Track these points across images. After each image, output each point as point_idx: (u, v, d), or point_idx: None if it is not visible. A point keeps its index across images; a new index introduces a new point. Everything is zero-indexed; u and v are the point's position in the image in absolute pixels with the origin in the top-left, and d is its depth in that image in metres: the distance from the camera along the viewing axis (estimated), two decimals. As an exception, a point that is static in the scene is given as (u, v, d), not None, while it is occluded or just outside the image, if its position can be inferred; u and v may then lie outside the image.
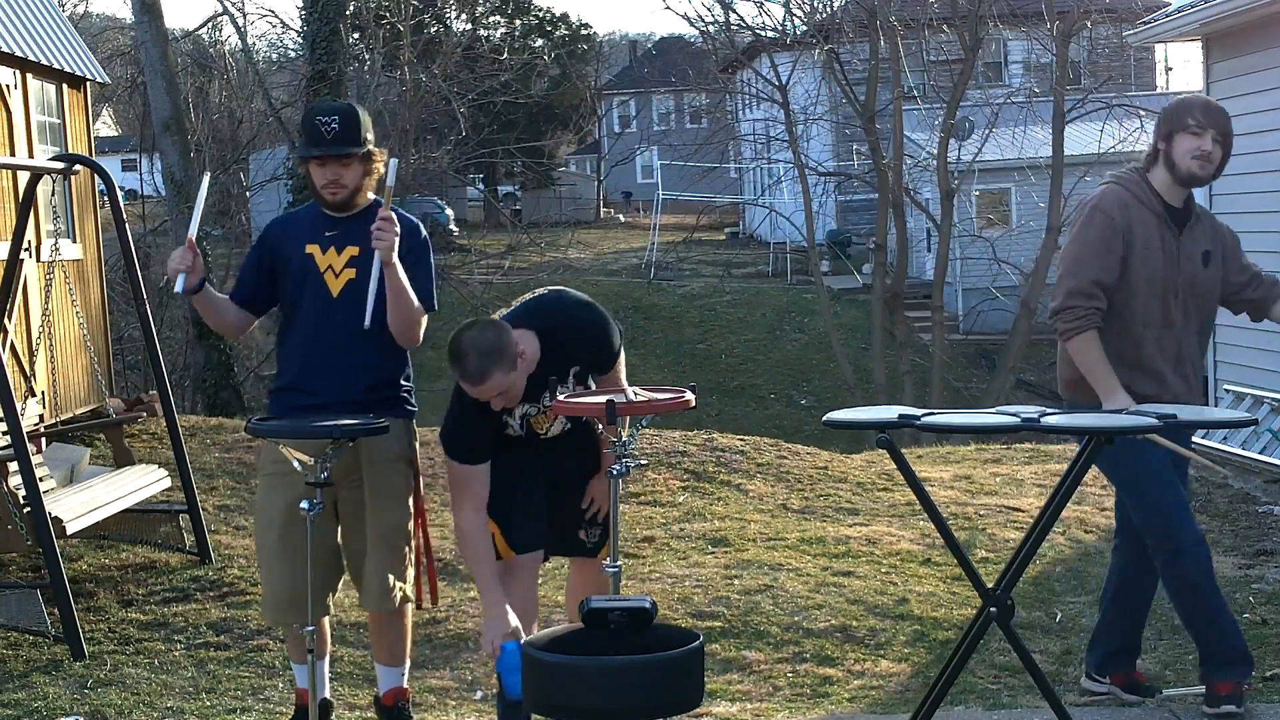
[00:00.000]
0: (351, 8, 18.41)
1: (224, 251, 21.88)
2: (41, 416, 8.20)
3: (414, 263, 4.18)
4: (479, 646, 5.57)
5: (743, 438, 9.67)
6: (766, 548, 6.99)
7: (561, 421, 4.23)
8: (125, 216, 7.50)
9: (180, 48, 23.31)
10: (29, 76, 9.45)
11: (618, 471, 3.83)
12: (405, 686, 4.46)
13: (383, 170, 4.24)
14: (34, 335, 8.47)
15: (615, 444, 3.82)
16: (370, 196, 4.27)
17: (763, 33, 25.03)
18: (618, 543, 3.99)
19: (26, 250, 7.69)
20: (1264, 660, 5.09)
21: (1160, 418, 3.74)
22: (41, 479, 6.15)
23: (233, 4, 31.30)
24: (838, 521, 7.64)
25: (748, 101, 31.14)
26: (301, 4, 17.64)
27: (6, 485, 6.02)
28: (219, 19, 26.69)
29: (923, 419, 3.79)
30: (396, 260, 4.06)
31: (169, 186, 15.31)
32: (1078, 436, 3.86)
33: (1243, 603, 5.91)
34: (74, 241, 9.81)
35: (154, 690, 5.16)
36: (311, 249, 4.21)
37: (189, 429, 9.38)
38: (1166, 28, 10.99)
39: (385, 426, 4.07)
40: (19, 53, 9.12)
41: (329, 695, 4.59)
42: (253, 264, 4.34)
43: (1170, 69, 32.19)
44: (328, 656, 4.59)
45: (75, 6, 28.20)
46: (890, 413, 3.84)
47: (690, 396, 3.99)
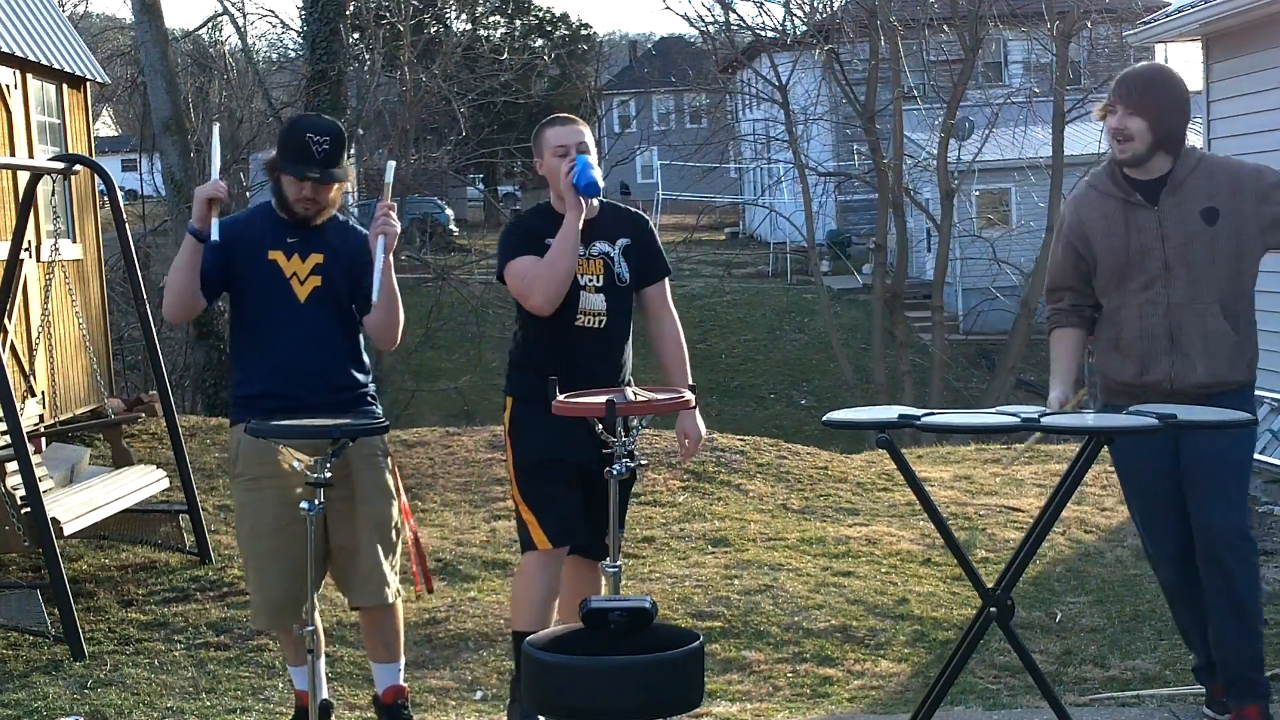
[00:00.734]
0: (351, 8, 18.41)
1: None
2: (41, 416, 8.20)
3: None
4: (479, 645, 5.57)
5: (743, 438, 9.66)
6: (766, 548, 6.99)
7: (599, 303, 4.32)
8: (125, 216, 7.50)
9: (180, 48, 23.30)
10: (29, 76, 9.46)
11: (617, 472, 3.83)
12: (403, 684, 4.46)
13: (349, 186, 4.26)
14: (34, 335, 8.47)
15: (615, 444, 3.83)
16: (332, 211, 4.28)
17: (763, 33, 25.04)
18: (619, 543, 3.99)
19: (26, 250, 7.69)
20: (1264, 660, 5.09)
21: (1160, 418, 3.74)
22: (41, 479, 6.15)
23: (233, 4, 31.29)
24: (838, 521, 7.64)
25: (748, 101, 31.12)
26: (301, 4, 17.66)
27: (5, 486, 6.02)
28: (219, 19, 26.67)
29: (923, 419, 3.79)
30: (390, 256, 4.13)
31: (169, 186, 15.31)
32: (1078, 436, 3.85)
33: (1243, 603, 5.91)
34: (74, 241, 9.81)
35: (154, 690, 5.17)
36: (275, 255, 4.21)
37: (189, 429, 9.38)
38: (1166, 28, 10.98)
39: (386, 426, 4.13)
40: (19, 53, 9.13)
41: (328, 695, 4.59)
42: (210, 250, 4.16)
43: (1170, 69, 32.17)
44: (323, 656, 4.59)
45: (75, 6, 28.23)
46: (890, 413, 3.84)
47: (690, 396, 3.99)
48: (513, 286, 4.31)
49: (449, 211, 36.02)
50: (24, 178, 7.80)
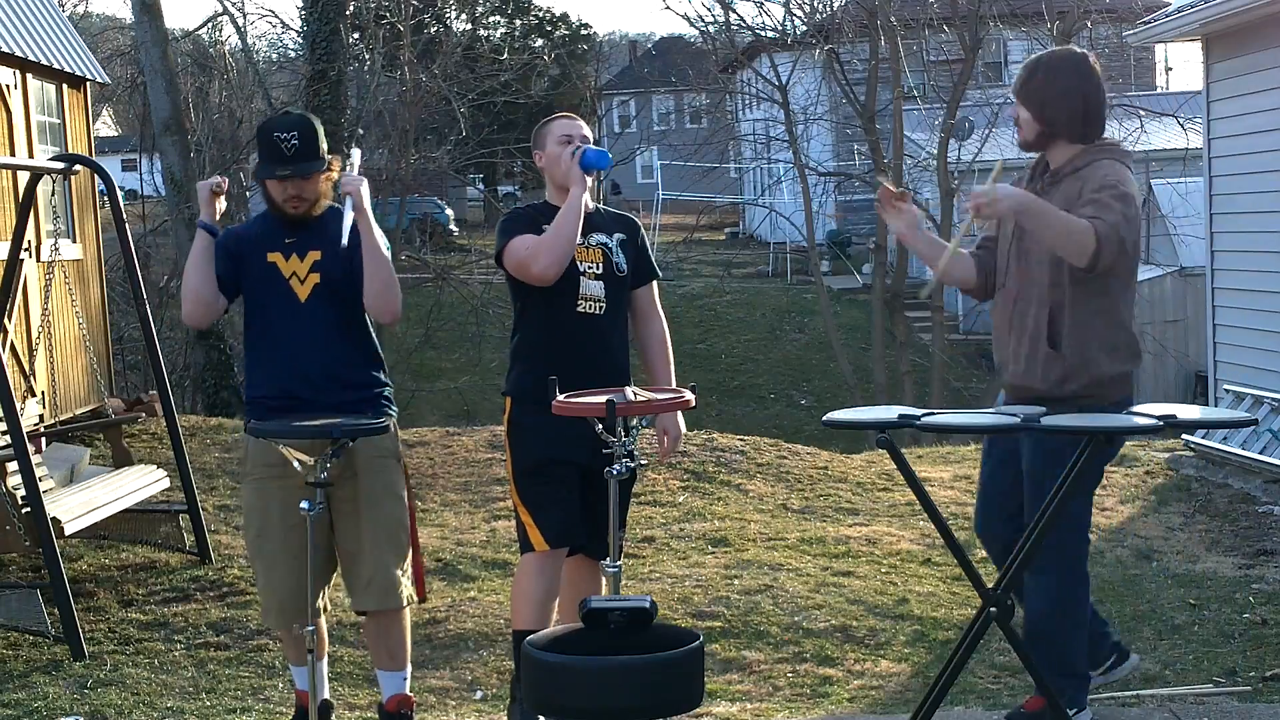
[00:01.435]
0: (351, 8, 18.40)
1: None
2: (41, 416, 8.20)
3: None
4: (479, 645, 5.58)
5: (743, 438, 9.66)
6: (766, 548, 6.99)
7: (599, 289, 4.35)
8: (125, 216, 7.50)
9: (180, 48, 23.26)
10: (29, 76, 9.45)
11: (618, 472, 3.83)
12: (409, 694, 4.39)
13: (337, 176, 4.25)
14: (34, 335, 8.47)
15: (615, 444, 3.83)
16: (325, 203, 4.26)
17: (763, 33, 25.00)
18: (619, 543, 3.99)
19: (26, 250, 7.69)
20: (1264, 660, 5.10)
21: (1160, 418, 3.74)
22: (41, 479, 6.16)
23: (233, 4, 31.22)
24: (838, 521, 7.64)
25: (748, 101, 31.09)
26: (301, 4, 17.65)
27: (6, 485, 6.02)
28: (219, 19, 26.61)
29: (923, 419, 3.79)
30: (369, 209, 4.13)
31: (169, 186, 15.31)
32: (1077, 436, 3.85)
33: (1243, 603, 5.91)
34: (74, 241, 9.81)
35: (154, 690, 5.17)
36: (274, 257, 4.21)
37: (189, 429, 9.38)
38: (1166, 28, 10.97)
39: (386, 426, 4.11)
40: (19, 53, 9.13)
41: (328, 696, 4.58)
42: (221, 254, 4.24)
43: (1170, 69, 32.24)
44: (325, 656, 4.58)
45: (75, 6, 28.16)
46: (890, 413, 3.84)
47: (690, 396, 4.00)
48: (513, 262, 4.31)
49: (449, 211, 36.02)
50: (24, 178, 7.80)
